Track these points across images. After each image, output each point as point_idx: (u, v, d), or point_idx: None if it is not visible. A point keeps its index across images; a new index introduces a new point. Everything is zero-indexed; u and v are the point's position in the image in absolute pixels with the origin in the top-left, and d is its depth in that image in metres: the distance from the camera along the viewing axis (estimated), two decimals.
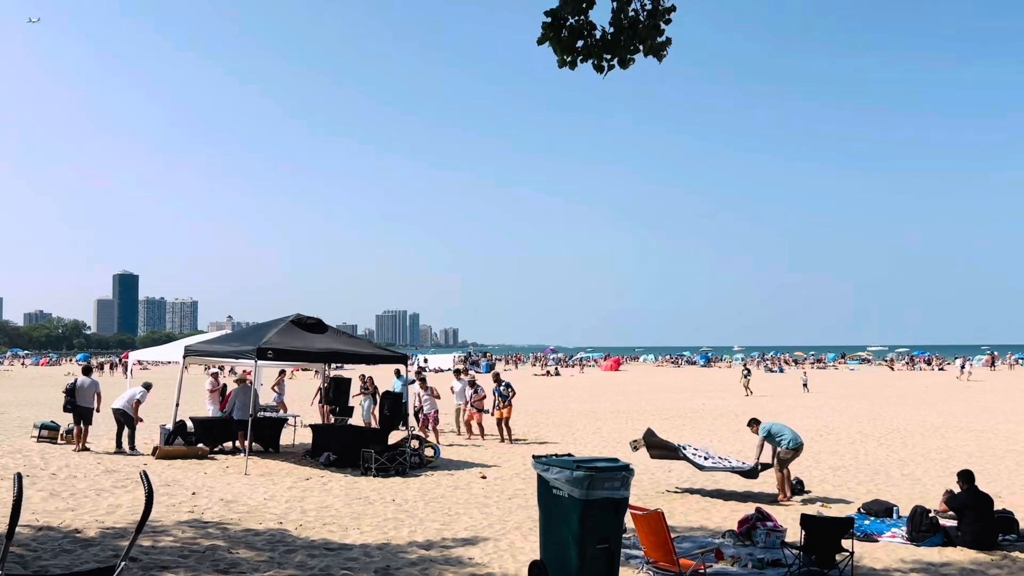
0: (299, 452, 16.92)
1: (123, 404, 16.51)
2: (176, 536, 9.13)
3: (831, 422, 24.16)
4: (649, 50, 7.69)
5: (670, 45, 7.68)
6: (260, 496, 11.88)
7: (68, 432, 17.66)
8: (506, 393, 19.31)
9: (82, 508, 10.65)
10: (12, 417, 24.04)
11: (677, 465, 15.66)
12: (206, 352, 16.71)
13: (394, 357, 16.88)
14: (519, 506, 11.48)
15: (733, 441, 19.66)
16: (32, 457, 15.20)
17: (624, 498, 7.32)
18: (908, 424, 23.63)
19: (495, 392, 19.52)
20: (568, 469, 7.24)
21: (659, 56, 7.67)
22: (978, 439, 20.03)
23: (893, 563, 8.82)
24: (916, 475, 14.63)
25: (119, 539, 8.92)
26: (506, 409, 19.16)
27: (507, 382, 19.97)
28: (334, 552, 8.66)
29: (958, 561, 8.95)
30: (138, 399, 16.67)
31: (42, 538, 8.82)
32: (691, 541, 9.42)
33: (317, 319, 16.10)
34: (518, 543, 9.25)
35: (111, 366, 67.28)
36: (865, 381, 52.56)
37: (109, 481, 12.85)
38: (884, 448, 18.31)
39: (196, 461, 15.40)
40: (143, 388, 17.13)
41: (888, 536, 9.96)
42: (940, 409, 29.41)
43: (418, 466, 14.92)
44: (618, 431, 21.70)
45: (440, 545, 9.11)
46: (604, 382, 53.25)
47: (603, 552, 7.18)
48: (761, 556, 8.68)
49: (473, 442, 19.02)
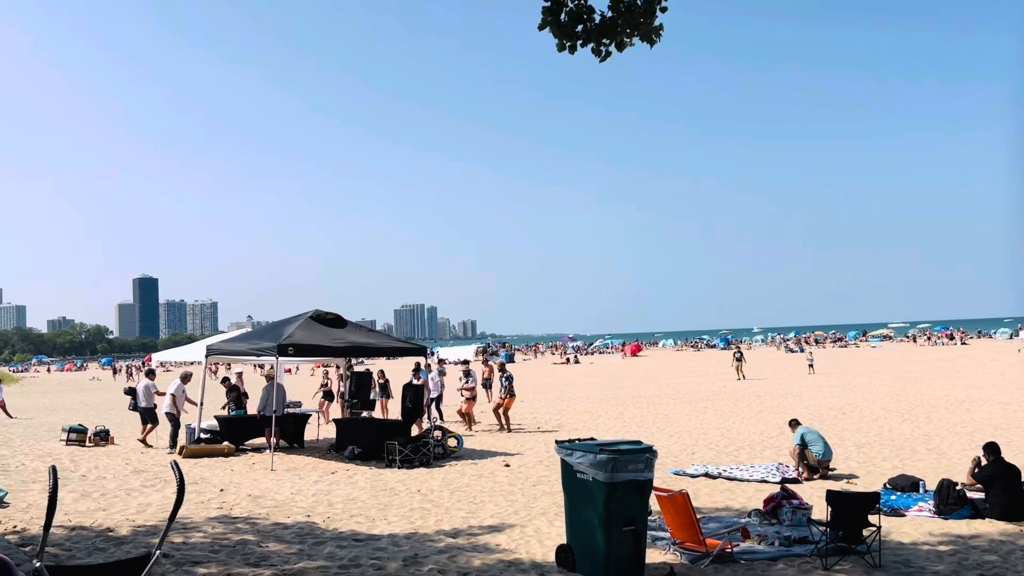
0: (323, 447, 17.05)
1: (167, 406, 17.15)
2: (206, 532, 9.24)
3: (854, 400, 24.05)
4: (643, 35, 7.93)
5: (662, 30, 7.96)
6: (287, 491, 11.99)
7: (96, 435, 17.94)
8: (507, 384, 19.44)
9: (113, 508, 10.79)
10: (40, 422, 24.35)
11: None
12: (228, 351, 16.84)
13: (414, 349, 16.94)
14: (544, 492, 11.52)
15: (756, 422, 19.63)
16: (62, 460, 15.40)
17: (648, 480, 7.33)
18: (932, 399, 23.49)
19: (500, 382, 19.68)
20: (591, 453, 7.26)
21: (651, 41, 8.00)
22: (1004, 411, 19.87)
23: (921, 537, 8.79)
24: (942, 449, 14.54)
25: (151, 536, 9.04)
26: (509, 399, 19.32)
27: (509, 373, 20.07)
28: (362, 543, 8.73)
29: (987, 533, 8.91)
30: (173, 393, 17.24)
31: (76, 537, 8.95)
32: (717, 521, 9.43)
33: (336, 314, 16.20)
34: (544, 528, 9.29)
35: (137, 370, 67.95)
36: (886, 358, 52.21)
37: (138, 481, 13.01)
38: (909, 424, 18.21)
39: (222, 459, 15.56)
40: (179, 381, 17.49)
41: (915, 510, 9.93)
42: (964, 383, 29.20)
43: (442, 456, 15.00)
44: (640, 416, 21.71)
45: (467, 533, 9.17)
46: (624, 368, 53.24)
47: (629, 534, 7.20)
48: (788, 534, 8.67)
49: (493, 432, 19.10)
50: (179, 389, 17.39)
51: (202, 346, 18.40)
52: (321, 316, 15.95)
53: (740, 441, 16.36)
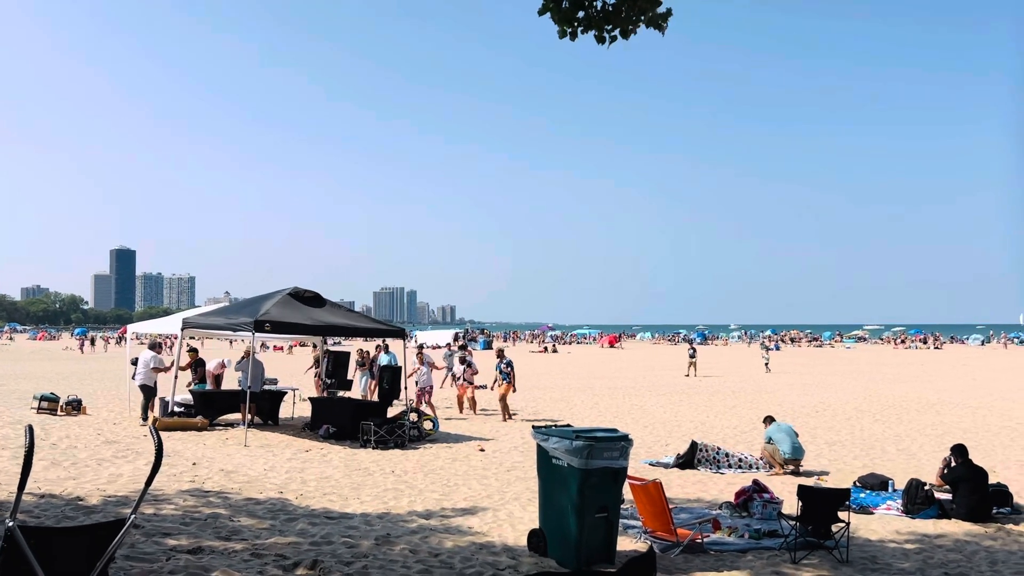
0: (298, 425, 16.99)
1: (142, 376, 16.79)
2: (178, 504, 9.19)
3: (827, 399, 24.28)
4: (650, 21, 7.73)
5: (671, 16, 7.74)
6: (260, 467, 11.95)
7: (68, 404, 17.77)
8: (507, 371, 19.04)
9: (84, 477, 10.71)
10: (11, 389, 24.08)
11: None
12: (203, 325, 16.70)
13: (391, 331, 16.89)
14: (518, 478, 11.55)
15: (729, 416, 19.78)
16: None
17: (623, 468, 7.37)
18: (904, 401, 23.77)
19: (496, 369, 19.35)
20: (567, 439, 7.28)
21: (660, 28, 7.74)
22: (973, 415, 20.15)
23: (888, 534, 8.91)
24: (911, 450, 14.73)
25: (121, 506, 8.98)
26: (505, 386, 18.82)
27: (509, 360, 19.46)
28: (335, 520, 8.72)
29: (953, 533, 9.04)
30: (154, 365, 16.94)
31: (45, 505, 8.88)
32: (688, 512, 9.49)
33: (315, 292, 16.10)
34: (517, 513, 9.32)
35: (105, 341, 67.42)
36: (858, 359, 52.76)
37: (110, 451, 12.91)
38: (880, 424, 18.42)
39: (195, 433, 15.47)
40: (151, 352, 17.13)
41: (884, 508, 10.06)
42: (936, 386, 29.57)
43: (417, 439, 14.99)
44: (615, 406, 21.80)
45: (440, 515, 9.18)
46: (601, 359, 53.42)
47: (601, 521, 7.24)
48: (758, 527, 8.75)
49: (468, 417, 19.09)
50: (155, 360, 17.17)
51: (178, 319, 18.24)
52: (299, 294, 15.84)
53: (713, 434, 16.47)
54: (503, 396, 18.81)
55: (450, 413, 19.44)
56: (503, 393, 18.81)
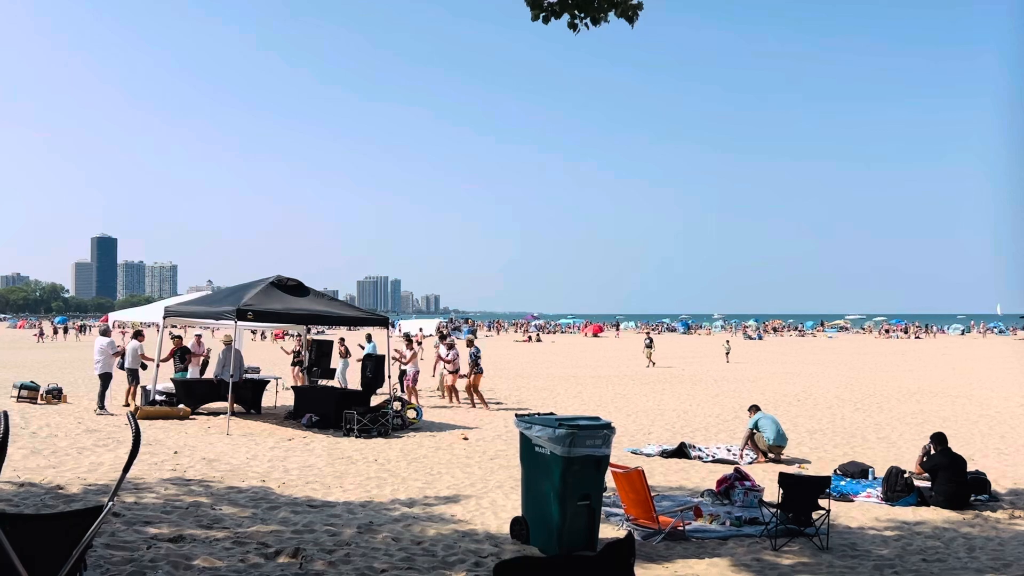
0: (281, 414, 16.93)
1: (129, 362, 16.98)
2: (159, 493, 9.14)
3: (808, 387, 24.45)
4: (621, 12, 7.91)
5: (641, 9, 7.95)
6: (242, 455, 11.90)
7: (48, 393, 17.64)
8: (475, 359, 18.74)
9: (64, 466, 10.63)
10: None
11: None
12: (185, 313, 16.61)
13: (375, 319, 16.84)
14: (501, 466, 11.57)
15: (712, 405, 19.88)
16: (12, 417, 15.10)
17: (605, 456, 7.39)
18: (884, 389, 23.97)
19: (472, 358, 19.01)
20: (550, 427, 7.29)
21: (630, 19, 7.98)
22: (953, 404, 20.35)
23: (868, 522, 8.99)
24: (891, 438, 14.86)
25: (101, 495, 8.92)
26: (476, 375, 18.68)
27: (477, 348, 19.26)
28: (317, 509, 8.70)
29: (931, 520, 9.13)
30: (142, 352, 17.11)
31: (24, 494, 8.81)
32: (670, 500, 9.54)
33: (298, 281, 16.02)
34: (500, 501, 9.34)
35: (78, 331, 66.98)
36: (839, 348, 53.14)
37: (90, 440, 12.82)
38: (860, 412, 18.57)
39: (177, 422, 15.39)
40: (135, 341, 17.08)
41: (864, 496, 10.15)
42: (916, 375, 29.84)
43: (400, 428, 14.98)
44: (598, 395, 21.87)
45: (423, 503, 9.18)
46: (585, 348, 53.55)
47: (584, 508, 7.26)
48: (739, 515, 8.80)
49: (453, 405, 19.08)
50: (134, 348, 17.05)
51: (160, 307, 18.12)
52: (282, 282, 15.76)
53: (696, 423, 16.56)
54: (476, 385, 18.72)
55: (434, 401, 19.44)
56: (475, 382, 18.69)
